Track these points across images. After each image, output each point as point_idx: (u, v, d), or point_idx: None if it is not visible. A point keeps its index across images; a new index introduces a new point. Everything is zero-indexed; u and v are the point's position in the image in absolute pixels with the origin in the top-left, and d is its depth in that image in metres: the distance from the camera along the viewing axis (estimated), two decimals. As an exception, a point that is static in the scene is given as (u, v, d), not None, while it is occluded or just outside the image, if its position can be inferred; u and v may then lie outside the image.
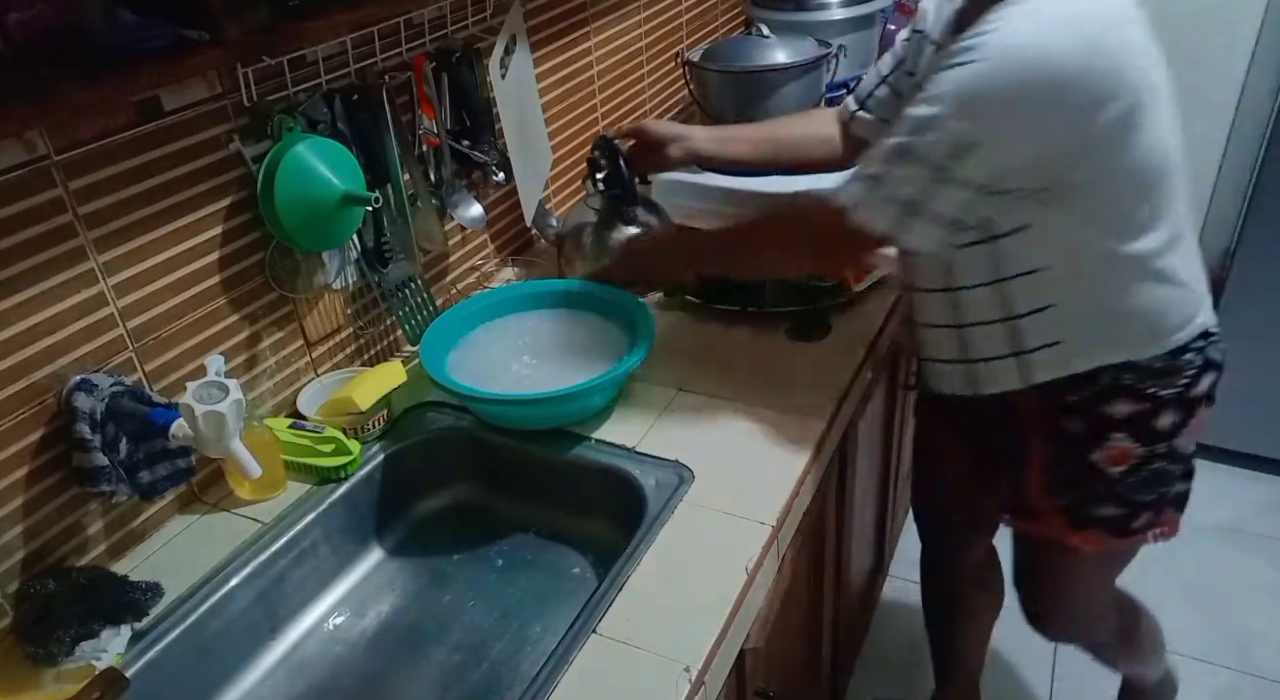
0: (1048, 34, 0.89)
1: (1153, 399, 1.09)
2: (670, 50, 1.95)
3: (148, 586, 0.93)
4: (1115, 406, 1.09)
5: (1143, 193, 1.00)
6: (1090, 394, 1.10)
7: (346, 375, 1.23)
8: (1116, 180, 0.98)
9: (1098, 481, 1.14)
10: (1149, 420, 1.10)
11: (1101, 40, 0.90)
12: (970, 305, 1.10)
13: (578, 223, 1.43)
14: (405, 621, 1.10)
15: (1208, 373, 1.11)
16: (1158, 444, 1.11)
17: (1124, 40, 0.92)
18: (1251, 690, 1.89)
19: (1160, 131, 0.99)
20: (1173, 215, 1.04)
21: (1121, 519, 1.16)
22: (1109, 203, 0.99)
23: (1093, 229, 1.00)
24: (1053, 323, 1.06)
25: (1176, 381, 1.09)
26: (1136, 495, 1.14)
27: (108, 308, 0.96)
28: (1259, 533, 2.24)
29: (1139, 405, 1.09)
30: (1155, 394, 1.09)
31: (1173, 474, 1.15)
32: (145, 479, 0.97)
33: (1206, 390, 1.12)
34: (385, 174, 1.19)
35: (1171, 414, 1.10)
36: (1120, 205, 1.00)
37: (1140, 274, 1.04)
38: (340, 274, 1.22)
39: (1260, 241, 2.16)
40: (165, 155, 0.97)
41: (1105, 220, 1.00)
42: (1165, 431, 1.11)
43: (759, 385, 1.22)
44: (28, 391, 0.90)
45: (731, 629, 0.91)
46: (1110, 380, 1.08)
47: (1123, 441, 1.11)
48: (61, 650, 0.85)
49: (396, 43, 1.20)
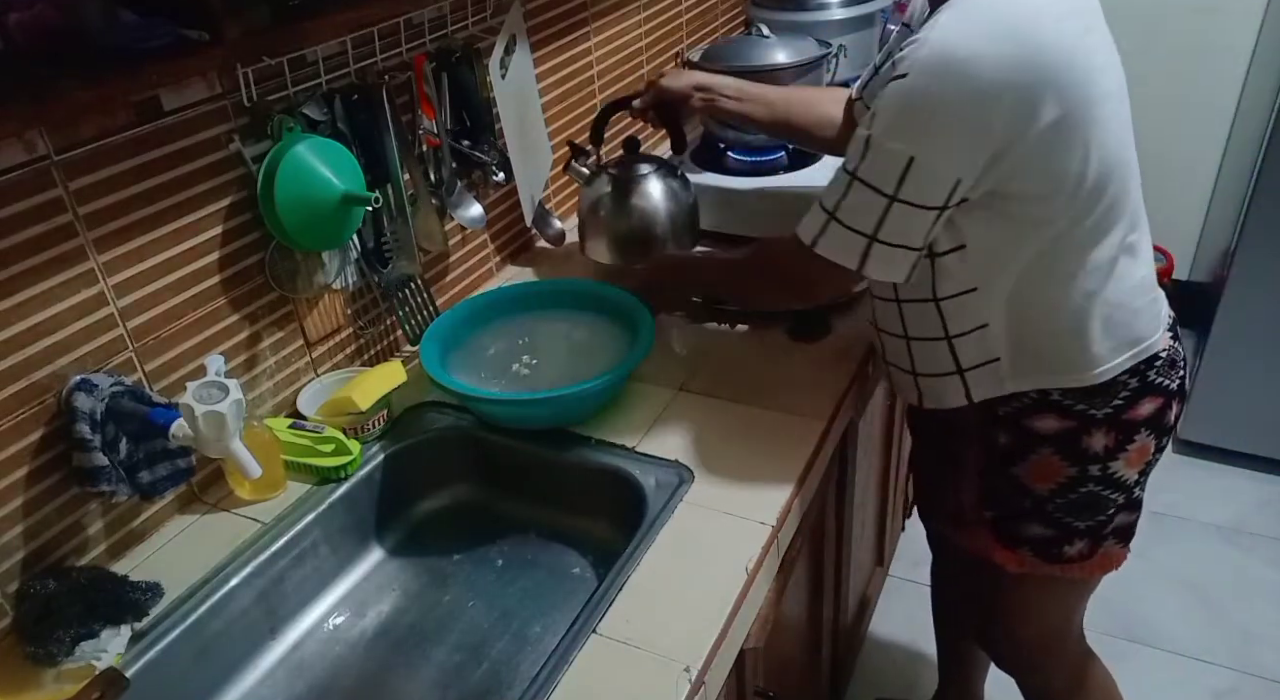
0: (974, 39, 0.86)
1: (1081, 417, 1.06)
2: (670, 50, 1.95)
3: (148, 586, 0.93)
4: (1041, 421, 1.07)
5: (1082, 208, 0.96)
6: (1018, 407, 1.08)
7: (346, 375, 1.23)
8: (1053, 194, 0.93)
9: (1024, 497, 1.12)
10: (1078, 439, 1.07)
11: (1033, 41, 0.86)
12: (914, 319, 1.09)
13: (592, 199, 1.43)
14: (405, 621, 1.10)
15: (1148, 397, 1.07)
16: (1090, 465, 1.08)
17: (1059, 40, 0.87)
18: (1251, 690, 1.89)
19: (1106, 140, 0.94)
20: (1117, 232, 1.00)
21: (1050, 541, 1.13)
22: (1044, 219, 0.95)
23: (1027, 246, 0.97)
24: (987, 342, 1.04)
25: (1109, 402, 1.05)
26: (1068, 518, 1.11)
27: (108, 308, 0.96)
28: (1259, 532, 2.24)
29: (1066, 422, 1.06)
30: (1085, 412, 1.06)
31: (1110, 501, 1.11)
32: (145, 479, 0.97)
33: (1150, 415, 1.08)
34: (385, 174, 1.19)
35: (1103, 435, 1.07)
36: (1055, 222, 0.96)
37: (1075, 296, 1.00)
38: (340, 274, 1.22)
39: (1260, 241, 2.16)
40: (165, 155, 0.97)
41: (1040, 237, 0.96)
42: (1097, 453, 1.07)
43: (759, 385, 1.22)
44: (28, 391, 0.90)
45: (731, 629, 0.91)
46: (1037, 395, 1.06)
47: (1049, 457, 1.08)
48: (61, 650, 0.85)
49: (396, 43, 1.20)
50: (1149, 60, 2.58)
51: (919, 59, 0.86)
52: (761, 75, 1.55)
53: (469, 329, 1.28)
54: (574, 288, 1.31)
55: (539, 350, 1.25)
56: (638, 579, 0.95)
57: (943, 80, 0.86)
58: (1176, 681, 1.89)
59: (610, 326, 1.26)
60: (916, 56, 0.87)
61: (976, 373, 1.08)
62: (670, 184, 1.43)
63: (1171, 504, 2.28)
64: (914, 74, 0.86)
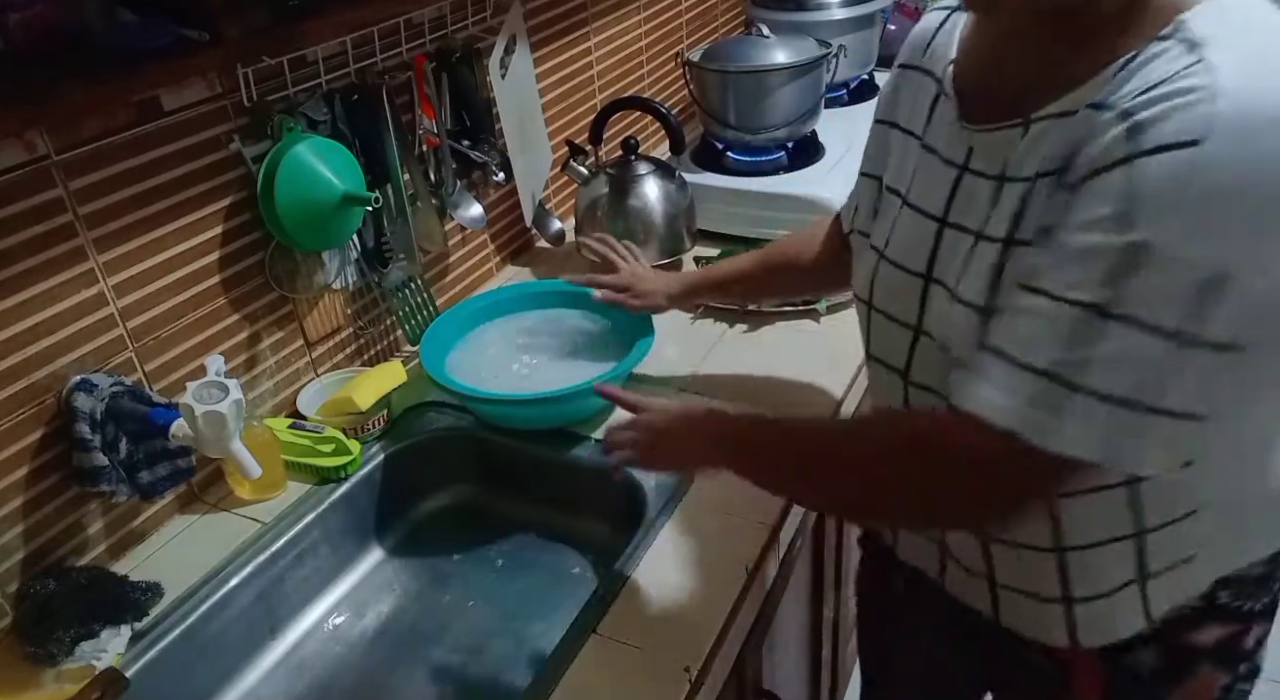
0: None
1: (1246, 617, 0.81)
2: (670, 50, 1.95)
3: (148, 586, 0.93)
4: (1204, 632, 0.80)
5: None
6: (1173, 618, 0.79)
7: (346, 375, 1.23)
8: None
9: None
10: (1239, 642, 0.82)
11: None
12: (1082, 518, 0.74)
13: (590, 199, 1.46)
14: (405, 621, 1.10)
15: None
16: (1241, 665, 0.84)
17: None
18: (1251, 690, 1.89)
19: None
20: None
21: None
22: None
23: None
24: (1183, 534, 0.74)
25: (1272, 587, 0.82)
26: None
27: (108, 308, 0.96)
28: (1259, 533, 2.24)
29: (1230, 627, 0.80)
30: (1250, 610, 0.80)
31: (1248, 694, 0.88)
32: (145, 479, 0.97)
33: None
34: (385, 174, 1.19)
35: (1259, 628, 0.83)
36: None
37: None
38: (340, 274, 1.22)
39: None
40: (165, 155, 0.97)
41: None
42: (1250, 650, 0.84)
43: (759, 385, 1.22)
44: (28, 391, 0.90)
45: (731, 629, 0.91)
46: (1202, 601, 0.78)
47: (1209, 674, 0.82)
48: (61, 650, 0.85)
49: (396, 43, 1.20)
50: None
51: (1219, 117, 0.54)
52: (761, 75, 1.55)
53: (469, 328, 1.29)
54: (574, 288, 1.31)
55: (539, 350, 1.26)
56: (638, 579, 0.95)
57: (1274, 151, 0.55)
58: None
59: (611, 326, 1.28)
60: (1210, 112, 0.55)
61: (1161, 580, 0.76)
62: (667, 185, 1.45)
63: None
64: (1219, 139, 0.54)
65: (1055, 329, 0.59)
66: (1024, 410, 0.60)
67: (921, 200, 0.77)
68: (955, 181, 0.73)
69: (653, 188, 1.45)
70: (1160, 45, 0.59)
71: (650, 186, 1.45)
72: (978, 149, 0.71)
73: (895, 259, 0.80)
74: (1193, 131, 0.55)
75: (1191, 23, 0.59)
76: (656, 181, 1.45)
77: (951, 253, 0.73)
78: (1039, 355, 0.60)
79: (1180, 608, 0.78)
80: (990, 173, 0.70)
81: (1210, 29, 0.58)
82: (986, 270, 0.68)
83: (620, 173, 1.45)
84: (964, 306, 0.70)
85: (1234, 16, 0.59)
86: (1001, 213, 0.68)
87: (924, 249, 0.76)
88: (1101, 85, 0.61)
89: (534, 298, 1.33)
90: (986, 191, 0.70)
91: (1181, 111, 0.55)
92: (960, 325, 0.70)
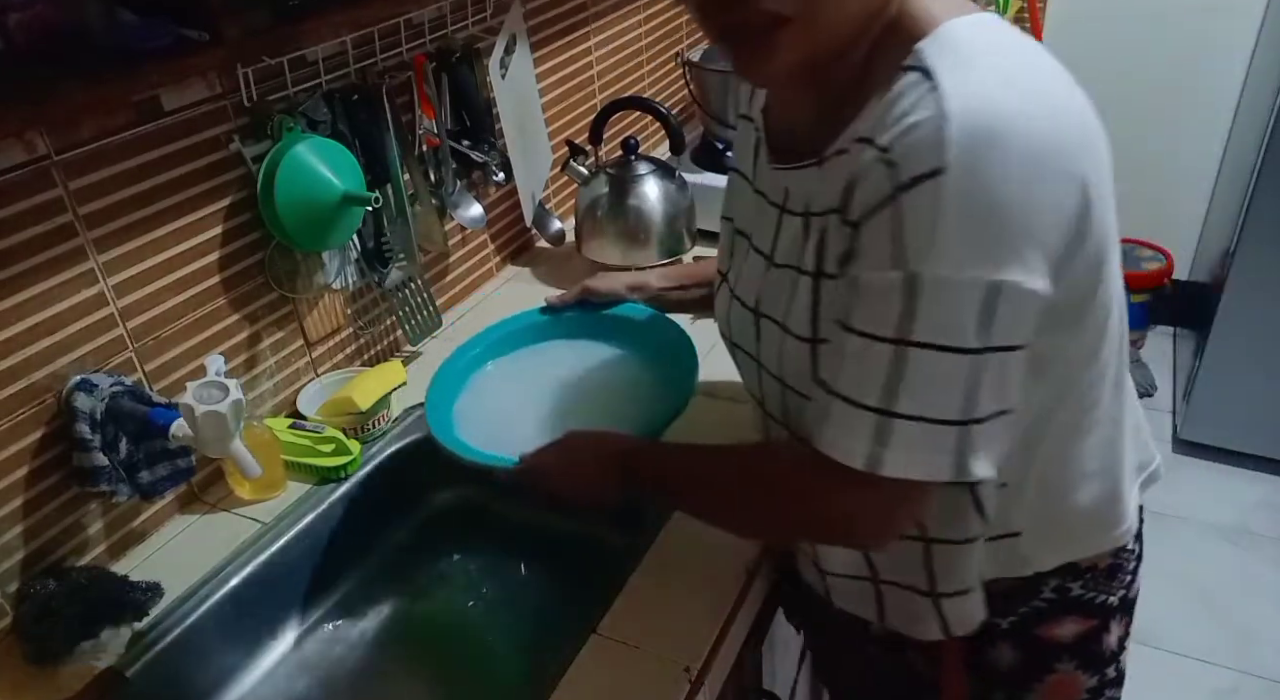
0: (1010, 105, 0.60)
1: (1102, 610, 0.83)
2: (670, 50, 1.95)
3: (148, 586, 0.93)
4: (1061, 626, 0.82)
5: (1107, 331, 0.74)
6: (1027, 612, 0.81)
7: (346, 375, 1.23)
8: (1101, 311, 0.71)
9: None
10: (1099, 640, 0.84)
11: (1071, 107, 0.63)
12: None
13: (590, 199, 1.45)
14: (405, 622, 1.10)
15: (1139, 554, 0.87)
16: (1108, 668, 0.86)
17: (1086, 105, 0.65)
18: (1252, 690, 1.89)
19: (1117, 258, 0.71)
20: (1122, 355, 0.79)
21: None
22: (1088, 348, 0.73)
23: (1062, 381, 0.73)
24: (1006, 508, 0.77)
25: (1124, 580, 0.84)
26: None
27: (108, 308, 0.96)
28: (1260, 533, 2.24)
29: (1088, 622, 0.83)
30: (1105, 602, 0.83)
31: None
32: (145, 479, 0.97)
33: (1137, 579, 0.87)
34: (385, 174, 1.19)
35: (1118, 626, 0.85)
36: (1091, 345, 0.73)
37: (1104, 431, 0.78)
38: (340, 274, 1.22)
39: (1260, 241, 2.16)
40: (165, 155, 0.97)
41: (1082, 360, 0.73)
42: (1114, 651, 0.86)
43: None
44: (28, 391, 0.90)
45: (731, 629, 0.91)
46: (1055, 593, 0.81)
47: (1070, 674, 0.84)
48: (61, 650, 0.85)
49: (396, 43, 1.20)
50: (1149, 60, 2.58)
51: (950, 141, 0.58)
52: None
53: (476, 367, 1.14)
54: (591, 316, 1.15)
55: (556, 393, 1.08)
56: (637, 579, 0.95)
57: (1003, 164, 0.58)
58: (1177, 681, 1.89)
59: (640, 360, 1.11)
60: (942, 138, 0.58)
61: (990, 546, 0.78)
62: (667, 185, 1.45)
63: (1172, 504, 2.28)
64: (955, 165, 0.57)
65: (872, 366, 0.63)
66: (866, 447, 0.64)
67: (759, 241, 0.81)
68: (778, 221, 0.77)
69: (653, 188, 1.45)
70: (905, 76, 0.63)
71: (650, 186, 1.45)
72: (791, 188, 0.75)
73: (740, 296, 0.83)
74: (934, 160, 0.58)
75: (925, 51, 0.63)
76: (656, 181, 1.45)
77: (777, 288, 0.77)
78: (867, 393, 0.64)
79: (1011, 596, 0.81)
80: (797, 210, 0.74)
81: (939, 55, 0.62)
82: (807, 305, 0.72)
83: (620, 173, 1.45)
84: (795, 340, 0.74)
85: (960, 39, 0.63)
86: (810, 248, 0.72)
87: (755, 285, 0.80)
88: (868, 118, 0.65)
89: (548, 327, 1.17)
90: (798, 228, 0.74)
91: (923, 141, 0.59)
92: (793, 357, 0.75)
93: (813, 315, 0.72)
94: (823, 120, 0.70)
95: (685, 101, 2.00)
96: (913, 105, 0.60)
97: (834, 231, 0.68)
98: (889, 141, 0.61)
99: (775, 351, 0.78)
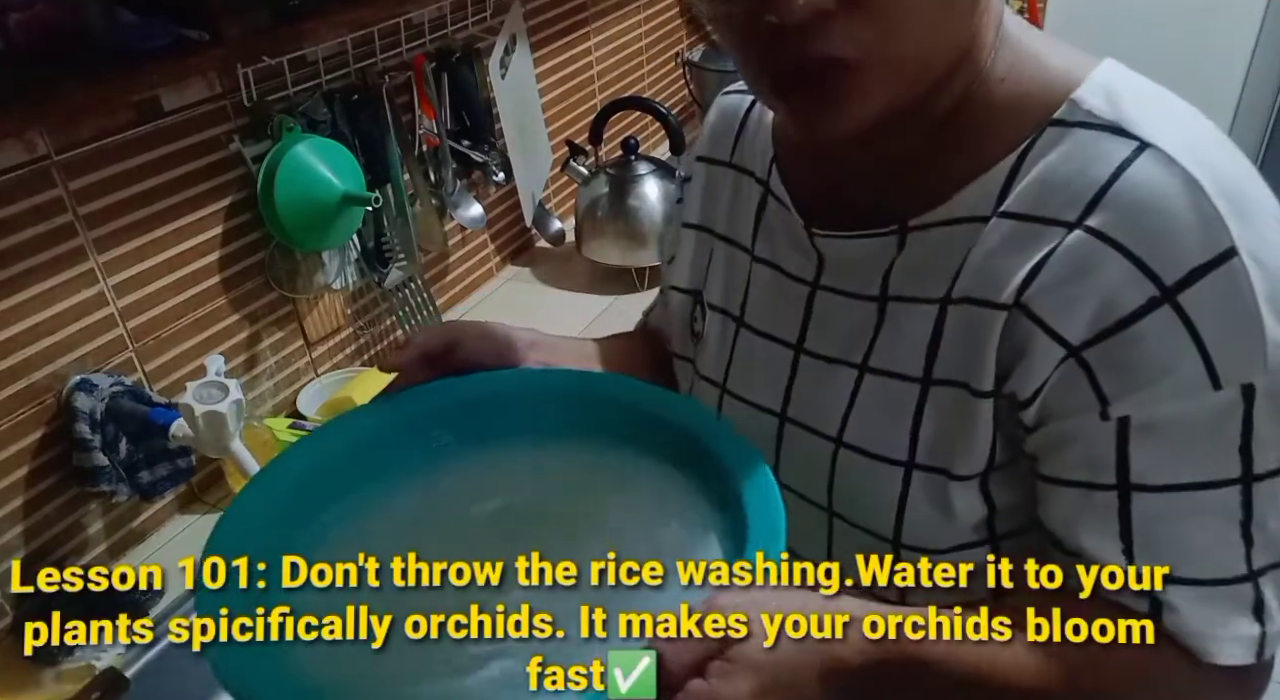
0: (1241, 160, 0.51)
1: None
2: (670, 50, 1.95)
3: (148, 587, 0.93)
4: None
5: None
6: None
7: (346, 375, 1.23)
8: None
9: None
10: None
11: None
12: None
13: (590, 199, 1.46)
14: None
15: None
16: None
17: None
18: (1251, 690, 1.89)
19: None
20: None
21: None
22: None
23: None
24: None
25: None
26: None
27: (108, 308, 0.96)
28: (1259, 533, 2.24)
29: None
30: None
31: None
32: (145, 479, 0.97)
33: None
34: (385, 174, 1.19)
35: None
36: None
37: None
38: (340, 274, 1.22)
39: (1260, 241, 2.16)
40: (165, 155, 0.97)
41: None
42: None
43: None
44: (28, 391, 0.90)
45: (731, 629, 0.90)
46: None
47: None
48: (62, 650, 0.85)
49: (396, 43, 1.20)
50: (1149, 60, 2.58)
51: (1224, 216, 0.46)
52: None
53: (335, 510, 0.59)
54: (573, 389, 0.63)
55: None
56: (638, 579, 0.95)
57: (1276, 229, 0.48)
58: None
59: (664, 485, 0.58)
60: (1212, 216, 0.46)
61: None
62: (667, 185, 1.45)
63: (1172, 504, 2.27)
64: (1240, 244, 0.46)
65: (1221, 523, 0.48)
66: (1250, 629, 0.49)
67: (764, 324, 0.63)
68: (808, 300, 0.60)
69: (653, 188, 1.45)
70: (1061, 132, 0.50)
71: (650, 186, 1.45)
72: (831, 260, 0.59)
73: (741, 394, 0.65)
74: (1214, 244, 0.45)
75: (1090, 102, 0.50)
76: (656, 181, 1.45)
77: (818, 385, 0.59)
78: (1228, 563, 0.48)
79: None
80: (857, 291, 0.57)
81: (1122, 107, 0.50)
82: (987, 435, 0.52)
83: (620, 173, 1.45)
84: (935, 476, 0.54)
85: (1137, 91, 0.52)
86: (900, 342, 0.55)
87: (781, 380, 0.62)
88: (995, 184, 0.51)
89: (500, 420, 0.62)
90: (855, 314, 0.57)
91: (1178, 223, 0.46)
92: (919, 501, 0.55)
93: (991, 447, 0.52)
94: (909, 178, 0.55)
95: (685, 101, 2.00)
96: (1123, 172, 0.47)
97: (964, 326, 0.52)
98: (1105, 223, 0.47)
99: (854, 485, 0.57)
